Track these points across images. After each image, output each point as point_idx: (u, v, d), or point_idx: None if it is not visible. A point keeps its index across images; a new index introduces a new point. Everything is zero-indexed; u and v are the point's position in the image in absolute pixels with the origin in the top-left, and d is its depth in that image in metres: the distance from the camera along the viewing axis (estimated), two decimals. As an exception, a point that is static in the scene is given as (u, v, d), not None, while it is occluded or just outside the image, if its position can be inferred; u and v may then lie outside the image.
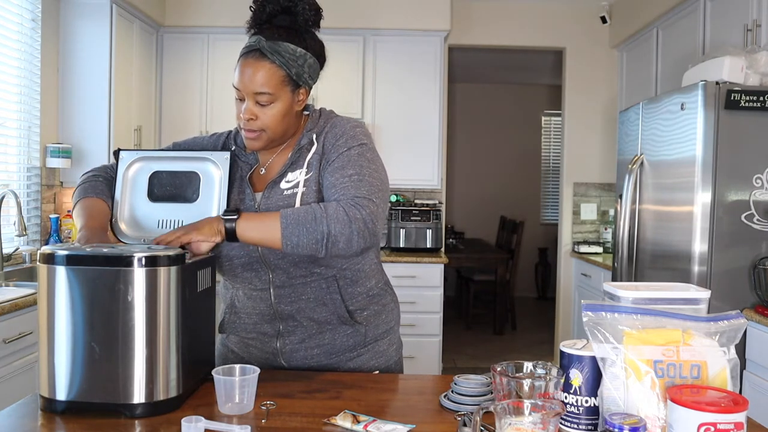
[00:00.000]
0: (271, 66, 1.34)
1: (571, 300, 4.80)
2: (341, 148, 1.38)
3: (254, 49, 1.35)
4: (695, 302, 1.05)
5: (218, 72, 4.41)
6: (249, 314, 1.49)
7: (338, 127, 1.42)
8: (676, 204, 2.71)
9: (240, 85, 1.36)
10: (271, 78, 1.34)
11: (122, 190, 1.43)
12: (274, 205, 1.38)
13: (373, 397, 1.26)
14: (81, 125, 3.63)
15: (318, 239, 1.24)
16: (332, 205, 1.27)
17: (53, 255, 1.15)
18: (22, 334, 2.34)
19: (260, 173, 1.47)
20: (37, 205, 3.44)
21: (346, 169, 1.34)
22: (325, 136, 1.42)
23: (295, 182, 1.39)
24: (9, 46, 3.18)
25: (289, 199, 1.37)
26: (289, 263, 1.39)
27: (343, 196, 1.30)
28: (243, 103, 1.37)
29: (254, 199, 1.42)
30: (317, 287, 1.42)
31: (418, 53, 4.41)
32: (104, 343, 1.14)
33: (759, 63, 2.57)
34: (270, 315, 1.46)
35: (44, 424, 1.13)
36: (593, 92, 4.80)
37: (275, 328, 1.47)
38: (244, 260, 1.42)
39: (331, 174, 1.35)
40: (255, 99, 1.35)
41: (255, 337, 1.50)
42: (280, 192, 1.39)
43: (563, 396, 1.05)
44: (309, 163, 1.40)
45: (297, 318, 1.44)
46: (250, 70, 1.35)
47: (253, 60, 1.35)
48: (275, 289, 1.43)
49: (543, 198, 8.02)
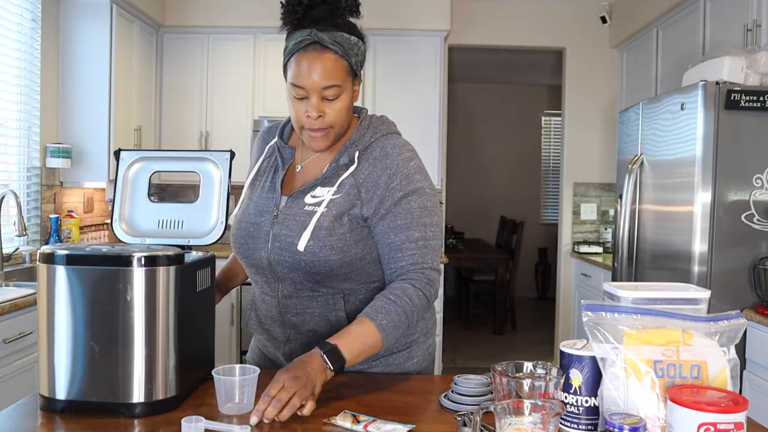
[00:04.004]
0: (335, 57, 1.27)
1: (571, 300, 4.80)
2: (396, 192, 1.32)
3: (311, 42, 1.27)
4: (695, 302, 1.05)
5: (218, 72, 4.41)
6: (264, 315, 1.47)
7: (390, 158, 1.33)
8: (676, 204, 2.71)
9: (304, 82, 1.27)
10: (338, 69, 1.28)
11: (122, 190, 1.43)
12: (292, 217, 1.34)
13: (373, 397, 1.26)
14: (81, 125, 3.63)
15: (407, 328, 1.30)
16: (414, 293, 1.29)
17: (53, 255, 1.15)
18: (22, 334, 2.34)
19: (296, 171, 1.43)
20: (37, 205, 3.44)
21: (412, 231, 1.31)
22: (372, 163, 1.34)
23: (320, 200, 1.33)
24: (9, 46, 3.18)
25: (305, 217, 1.32)
26: (297, 277, 1.36)
27: (412, 266, 1.32)
28: (304, 102, 1.29)
29: (277, 204, 1.38)
30: (323, 302, 1.39)
31: (418, 53, 4.41)
32: (103, 343, 1.14)
33: (759, 63, 2.57)
34: (280, 321, 1.43)
35: (44, 423, 1.13)
36: (593, 92, 4.80)
37: (285, 334, 1.44)
38: (255, 262, 1.40)
39: (395, 233, 1.32)
40: (321, 94, 1.28)
41: (269, 339, 1.48)
42: (302, 206, 1.34)
43: (563, 396, 1.05)
44: (342, 184, 1.33)
45: (301, 329, 1.41)
46: (314, 63, 1.26)
47: (315, 53, 1.26)
48: (283, 298, 1.40)
49: (543, 198, 8.02)
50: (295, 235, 1.32)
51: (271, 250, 1.35)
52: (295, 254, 1.32)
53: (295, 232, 1.32)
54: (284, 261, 1.34)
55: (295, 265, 1.33)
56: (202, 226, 1.39)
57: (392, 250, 1.33)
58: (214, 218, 1.39)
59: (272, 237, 1.35)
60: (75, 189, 3.78)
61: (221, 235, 1.38)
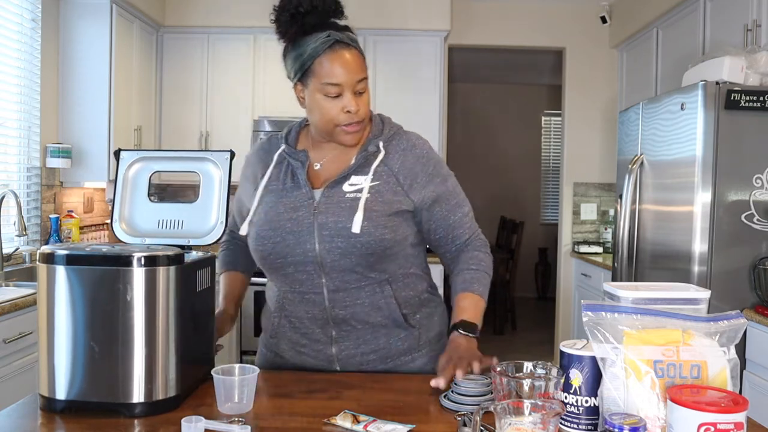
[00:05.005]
0: (357, 52, 1.37)
1: (571, 300, 4.80)
2: (436, 177, 1.46)
3: (334, 41, 1.34)
4: (695, 302, 1.05)
5: (218, 72, 4.41)
6: (300, 318, 1.44)
7: (418, 149, 1.46)
8: (676, 204, 2.71)
9: (342, 78, 1.34)
10: (362, 63, 1.37)
11: (122, 190, 1.43)
12: (335, 204, 1.37)
13: (373, 397, 1.26)
14: (81, 125, 3.63)
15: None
16: (485, 257, 1.51)
17: (53, 255, 1.15)
18: (22, 334, 2.34)
19: (314, 169, 1.45)
20: (37, 205, 3.44)
21: (462, 207, 1.50)
22: (402, 153, 1.44)
23: (359, 187, 1.38)
24: (9, 46, 3.18)
25: (352, 202, 1.36)
26: (344, 267, 1.37)
27: (472, 235, 1.52)
28: (338, 100, 1.35)
29: (312, 197, 1.40)
30: (371, 291, 1.40)
31: (418, 53, 4.41)
32: (103, 343, 1.14)
33: (759, 63, 2.56)
34: (323, 320, 1.42)
35: (44, 423, 1.13)
36: (593, 92, 4.80)
37: (327, 334, 1.43)
38: (298, 259, 1.39)
39: (452, 213, 1.47)
40: (354, 89, 1.35)
41: (307, 344, 1.46)
42: (342, 194, 1.38)
43: (563, 396, 1.05)
44: (376, 171, 1.40)
45: (351, 323, 1.41)
46: (345, 60, 1.34)
47: (343, 51, 1.34)
48: (329, 293, 1.40)
49: (543, 198, 8.02)
50: (345, 219, 1.35)
51: (320, 239, 1.36)
52: (348, 237, 1.34)
53: (344, 217, 1.35)
54: (336, 248, 1.35)
55: (348, 249, 1.35)
56: (202, 226, 1.39)
57: (454, 228, 1.48)
58: (214, 218, 1.39)
59: (318, 226, 1.36)
60: (75, 189, 3.78)
61: (221, 235, 1.38)
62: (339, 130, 1.38)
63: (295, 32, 1.35)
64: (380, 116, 1.50)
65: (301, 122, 1.54)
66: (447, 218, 1.47)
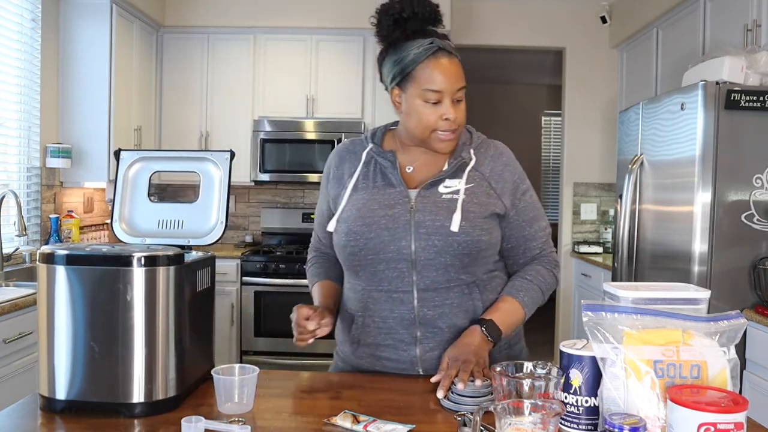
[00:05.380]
0: (457, 61, 1.39)
1: (571, 300, 4.80)
2: (520, 186, 1.47)
3: (437, 48, 1.35)
4: (695, 302, 1.05)
5: (218, 72, 4.41)
6: (384, 318, 1.41)
7: (505, 156, 1.48)
8: (676, 204, 2.71)
9: (443, 85, 1.35)
10: (462, 73, 1.39)
11: (122, 190, 1.43)
12: (432, 204, 1.38)
13: (373, 397, 1.26)
14: (81, 125, 3.63)
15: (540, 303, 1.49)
16: (546, 274, 1.48)
17: (53, 255, 1.15)
18: (22, 334, 2.34)
19: (406, 172, 1.46)
20: (37, 205, 3.44)
21: (540, 221, 1.49)
22: (492, 159, 1.46)
23: (455, 189, 1.40)
24: (9, 46, 3.18)
25: (449, 203, 1.38)
26: (438, 266, 1.37)
27: (542, 252, 1.50)
28: (437, 107, 1.36)
29: (407, 196, 1.40)
30: (460, 292, 1.40)
31: (418, 53, 4.40)
32: (103, 343, 1.14)
33: (759, 63, 2.56)
34: (409, 320, 1.40)
35: (44, 423, 1.13)
36: (593, 92, 4.80)
37: (412, 334, 1.40)
38: (391, 256, 1.38)
39: (528, 224, 1.47)
40: (454, 96, 1.37)
41: (390, 344, 1.42)
42: (439, 195, 1.40)
43: (563, 396, 1.05)
44: (469, 176, 1.42)
45: (437, 323, 1.40)
46: (448, 68, 1.36)
47: (446, 59, 1.36)
48: (419, 292, 1.39)
49: (543, 198, 8.01)
50: (443, 219, 1.36)
51: (416, 237, 1.37)
52: (446, 236, 1.35)
53: (442, 216, 1.37)
54: (432, 246, 1.36)
55: (444, 248, 1.36)
56: (202, 226, 1.39)
57: (527, 240, 1.48)
58: (214, 218, 1.39)
59: (415, 224, 1.37)
60: (75, 189, 3.78)
61: (221, 235, 1.38)
62: (435, 137, 1.39)
63: (397, 37, 1.37)
64: (467, 126, 1.51)
65: (387, 125, 1.56)
66: (523, 228, 1.47)
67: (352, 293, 1.48)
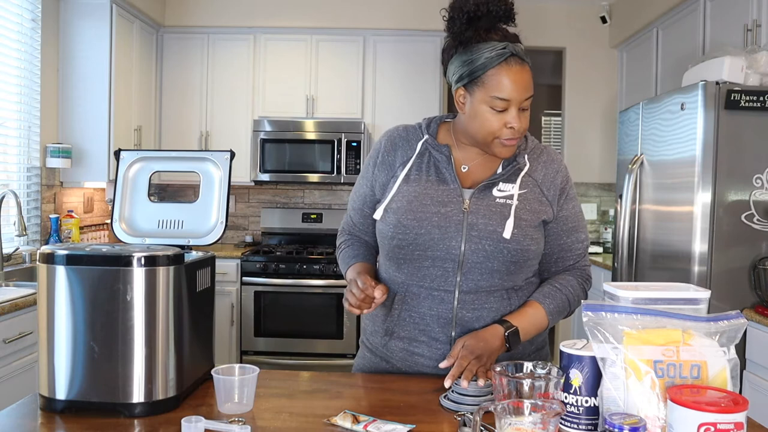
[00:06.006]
0: (528, 68, 1.35)
1: (571, 300, 4.79)
2: (566, 193, 1.45)
3: (510, 54, 1.32)
4: (695, 302, 1.05)
5: (218, 72, 4.42)
6: (422, 315, 1.40)
7: (556, 163, 1.47)
8: (676, 204, 2.71)
9: (512, 95, 1.31)
10: (532, 81, 1.36)
11: (122, 190, 1.43)
12: (486, 207, 1.37)
13: (373, 397, 1.26)
14: (81, 125, 3.63)
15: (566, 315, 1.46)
16: (577, 286, 1.45)
17: (53, 255, 1.15)
18: (22, 334, 2.34)
19: (461, 170, 1.43)
20: (37, 205, 3.44)
21: (579, 233, 1.47)
22: (544, 165, 1.44)
23: (509, 194, 1.39)
24: (9, 46, 3.18)
25: (502, 208, 1.37)
26: (484, 270, 1.36)
27: (576, 263, 1.48)
28: (502, 114, 1.33)
29: (461, 195, 1.38)
30: (499, 297, 1.39)
31: (418, 53, 4.41)
32: (103, 343, 1.14)
33: (759, 63, 2.56)
34: (447, 319, 1.38)
35: (44, 423, 1.13)
36: (593, 92, 4.80)
37: (447, 333, 1.39)
38: (439, 254, 1.36)
39: (567, 235, 1.45)
40: (520, 105, 1.34)
41: (425, 341, 1.40)
42: (493, 198, 1.38)
43: (563, 396, 1.05)
44: (522, 181, 1.41)
45: (474, 326, 1.38)
46: (519, 76, 1.32)
47: (517, 66, 1.32)
48: (461, 293, 1.37)
49: (543, 198, 8.01)
50: (496, 224, 1.35)
51: (467, 239, 1.35)
52: (497, 242, 1.34)
53: (495, 221, 1.35)
54: (482, 249, 1.35)
55: (494, 253, 1.34)
56: (202, 226, 1.39)
57: (563, 249, 1.46)
58: (214, 218, 1.40)
59: (467, 226, 1.35)
60: (75, 189, 3.78)
61: (221, 235, 1.38)
62: (497, 143, 1.37)
63: (469, 36, 1.32)
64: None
65: (441, 117, 1.51)
66: (560, 237, 1.45)
67: (389, 284, 1.45)
